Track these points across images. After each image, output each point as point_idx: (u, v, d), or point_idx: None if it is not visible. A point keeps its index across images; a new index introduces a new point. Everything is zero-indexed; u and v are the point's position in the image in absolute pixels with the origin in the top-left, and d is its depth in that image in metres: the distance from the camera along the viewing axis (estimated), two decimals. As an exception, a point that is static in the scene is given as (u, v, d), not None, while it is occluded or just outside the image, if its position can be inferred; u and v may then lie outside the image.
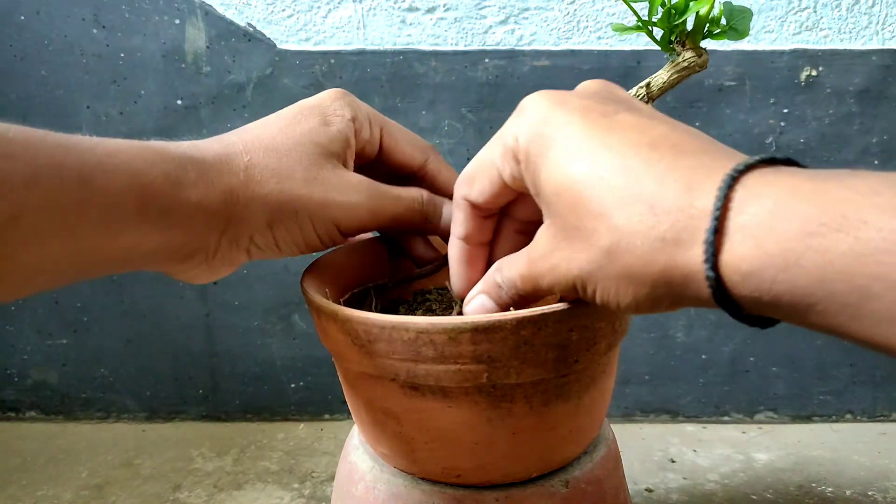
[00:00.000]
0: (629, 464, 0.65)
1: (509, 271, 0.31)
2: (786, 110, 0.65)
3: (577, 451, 0.38)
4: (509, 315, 0.30)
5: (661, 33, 0.36)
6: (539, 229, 0.29)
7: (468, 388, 0.32)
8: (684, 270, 0.23)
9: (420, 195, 0.37)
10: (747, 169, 0.22)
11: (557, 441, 0.35)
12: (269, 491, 0.63)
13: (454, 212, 0.34)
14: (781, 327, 0.33)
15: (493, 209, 0.33)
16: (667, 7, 0.35)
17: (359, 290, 0.41)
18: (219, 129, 0.67)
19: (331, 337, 0.34)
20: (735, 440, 0.70)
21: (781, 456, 0.67)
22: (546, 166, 0.27)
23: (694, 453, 0.68)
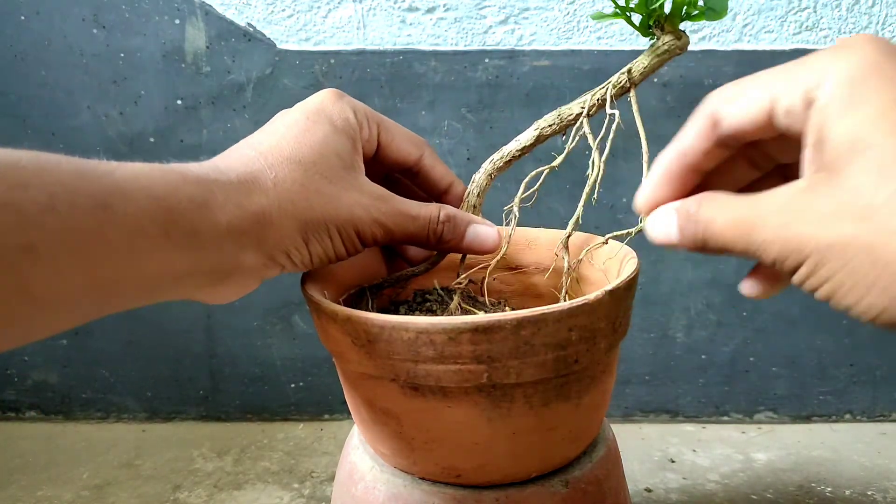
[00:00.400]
0: (629, 464, 0.65)
1: (718, 210, 0.25)
2: (786, 110, 0.65)
3: (577, 451, 0.38)
4: (509, 315, 0.30)
5: (640, 18, 0.36)
6: (792, 182, 0.24)
7: (468, 388, 0.32)
8: None
9: (436, 215, 0.37)
10: None
11: (557, 441, 0.35)
12: (269, 491, 0.63)
13: (690, 122, 0.29)
14: (781, 328, 0.33)
15: (736, 139, 0.28)
16: None
17: (355, 291, 0.41)
18: (219, 129, 0.67)
19: (331, 337, 0.34)
20: (735, 440, 0.70)
21: (781, 456, 0.67)
22: (851, 118, 0.22)
23: (694, 453, 0.68)
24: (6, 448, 0.70)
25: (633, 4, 0.35)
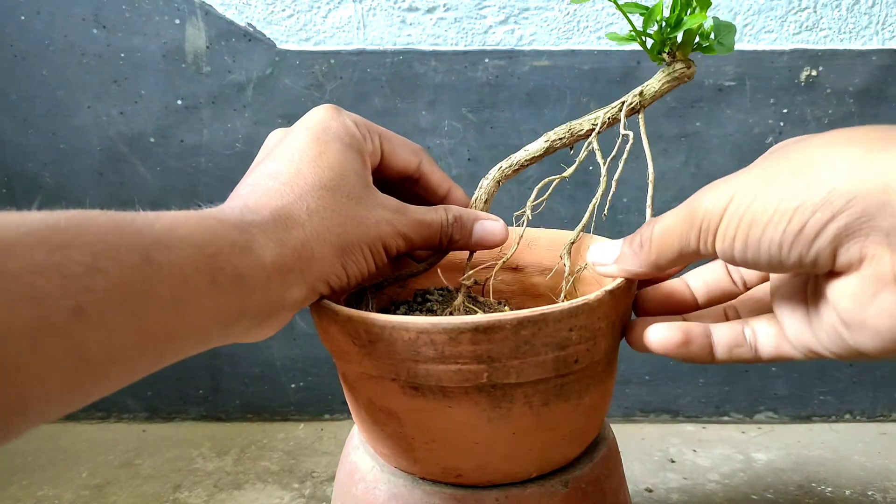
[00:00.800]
0: (629, 464, 0.65)
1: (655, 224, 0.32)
2: (786, 110, 0.65)
3: (577, 452, 0.38)
4: (509, 315, 0.30)
5: (652, 43, 0.37)
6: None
7: (468, 388, 0.32)
8: None
9: (445, 218, 0.37)
10: None
11: (557, 441, 0.35)
12: (269, 491, 0.64)
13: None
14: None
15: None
16: (660, 20, 0.35)
17: (355, 290, 0.41)
18: (219, 129, 0.67)
19: (331, 337, 0.34)
20: (735, 440, 0.70)
21: (781, 456, 0.67)
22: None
23: (694, 453, 0.68)
24: (6, 448, 0.70)
25: (651, 31, 0.36)
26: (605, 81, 0.65)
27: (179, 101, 0.67)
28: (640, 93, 0.38)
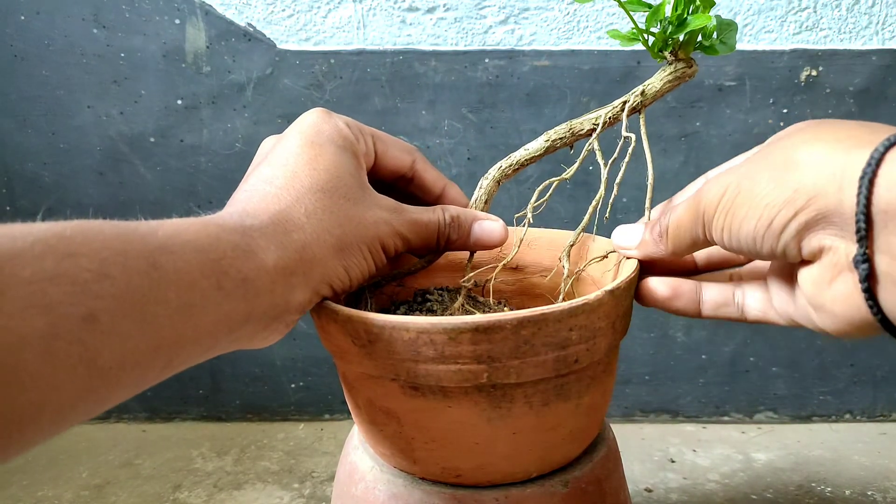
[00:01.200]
0: (629, 464, 0.65)
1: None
2: (786, 110, 0.65)
3: (577, 451, 0.38)
4: (509, 315, 0.30)
5: (653, 41, 0.37)
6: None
7: (468, 388, 0.32)
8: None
9: (442, 218, 0.38)
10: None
11: (557, 441, 0.35)
12: (269, 491, 0.64)
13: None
14: (782, 328, 0.33)
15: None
16: (664, 19, 0.35)
17: (355, 290, 0.41)
18: (219, 129, 0.67)
19: (331, 337, 0.34)
20: (735, 440, 0.70)
21: (781, 456, 0.67)
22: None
23: (694, 453, 0.68)
24: (6, 448, 0.70)
25: (655, 30, 0.36)
26: (605, 81, 0.65)
27: (179, 101, 0.67)
28: (642, 92, 0.38)
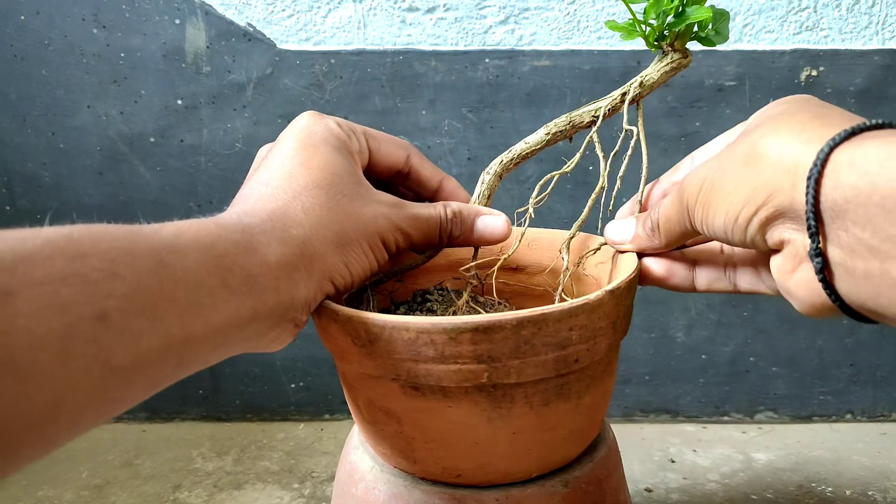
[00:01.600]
0: (629, 464, 0.65)
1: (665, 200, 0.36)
2: (786, 110, 0.65)
3: (577, 451, 0.38)
4: (509, 315, 0.30)
5: (649, 31, 0.37)
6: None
7: (468, 388, 0.32)
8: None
9: (443, 213, 0.37)
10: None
11: (557, 441, 0.35)
12: (269, 491, 0.64)
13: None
14: (782, 328, 0.33)
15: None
16: (661, 10, 0.35)
17: (356, 289, 0.41)
18: (219, 129, 0.67)
19: (331, 337, 0.34)
20: (735, 440, 0.70)
21: (781, 456, 0.67)
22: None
23: (694, 453, 0.68)
24: (6, 448, 0.70)
25: (653, 22, 0.36)
26: (605, 81, 0.65)
27: (179, 101, 0.67)
28: (641, 83, 0.38)
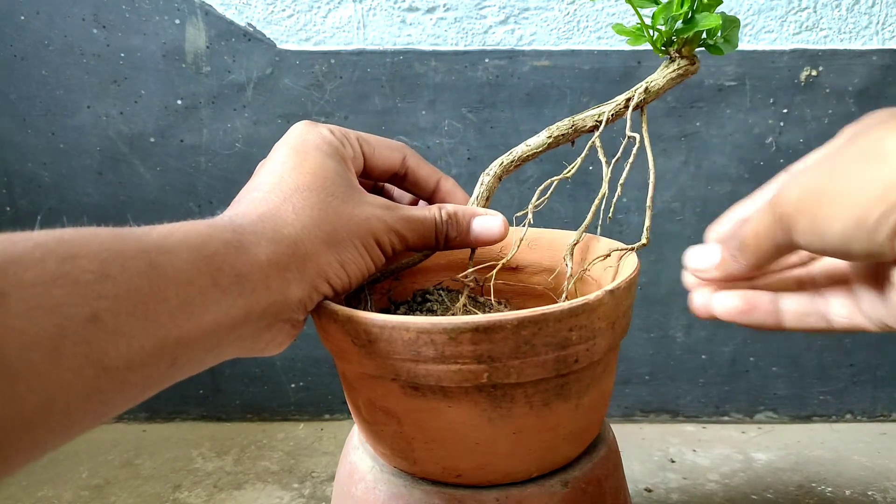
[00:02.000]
0: (629, 464, 0.65)
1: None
2: (785, 110, 0.65)
3: (577, 451, 0.38)
4: (510, 315, 0.30)
5: (656, 36, 0.37)
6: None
7: (468, 388, 0.32)
8: None
9: (438, 215, 0.37)
10: None
11: (557, 441, 0.35)
12: (269, 491, 0.63)
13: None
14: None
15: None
16: (670, 15, 0.35)
17: (355, 287, 0.41)
18: (219, 129, 0.67)
19: (331, 337, 0.34)
20: (735, 440, 0.70)
21: (781, 456, 0.67)
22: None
23: (694, 453, 0.68)
24: (6, 448, 0.70)
25: (662, 28, 0.36)
26: (605, 81, 0.65)
27: (179, 101, 0.67)
28: (646, 89, 0.38)
